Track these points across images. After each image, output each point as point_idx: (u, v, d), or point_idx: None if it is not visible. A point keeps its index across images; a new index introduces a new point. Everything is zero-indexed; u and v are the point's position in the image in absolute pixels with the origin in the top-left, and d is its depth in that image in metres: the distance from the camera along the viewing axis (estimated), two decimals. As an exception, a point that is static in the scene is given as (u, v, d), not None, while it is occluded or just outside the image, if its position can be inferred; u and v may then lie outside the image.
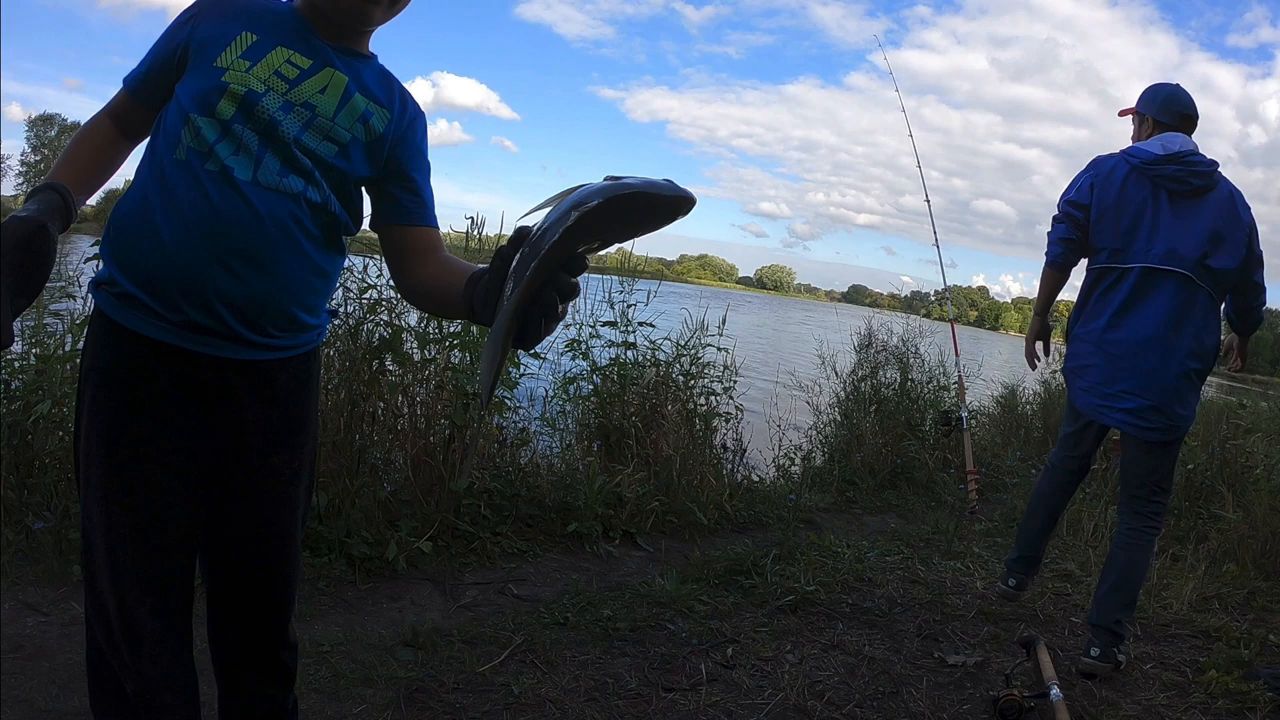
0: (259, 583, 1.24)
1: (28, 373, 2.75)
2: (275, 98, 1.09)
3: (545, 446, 3.69)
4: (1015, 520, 4.12)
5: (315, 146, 1.12)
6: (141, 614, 1.10)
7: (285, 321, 1.14)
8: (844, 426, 5.24)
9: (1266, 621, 2.94)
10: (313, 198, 1.12)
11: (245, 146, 1.07)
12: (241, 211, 1.06)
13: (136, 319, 1.08)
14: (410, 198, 1.22)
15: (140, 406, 1.09)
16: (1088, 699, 2.27)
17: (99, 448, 1.10)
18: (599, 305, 3.95)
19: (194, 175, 1.06)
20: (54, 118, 59.18)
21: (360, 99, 1.16)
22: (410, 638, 2.24)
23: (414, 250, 1.20)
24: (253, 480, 1.18)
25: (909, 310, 7.64)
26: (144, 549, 1.10)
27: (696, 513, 3.56)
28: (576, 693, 2.08)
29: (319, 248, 1.15)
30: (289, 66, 1.12)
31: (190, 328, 1.07)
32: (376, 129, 1.18)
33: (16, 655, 1.95)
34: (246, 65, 1.09)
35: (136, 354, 1.09)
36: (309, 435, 1.25)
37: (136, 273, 1.07)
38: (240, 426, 1.15)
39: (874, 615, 2.76)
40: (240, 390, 1.13)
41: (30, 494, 2.58)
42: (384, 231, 1.23)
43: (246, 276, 1.07)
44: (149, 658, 1.11)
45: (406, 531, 2.79)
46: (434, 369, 3.14)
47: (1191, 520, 4.15)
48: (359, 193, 1.22)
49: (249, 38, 1.11)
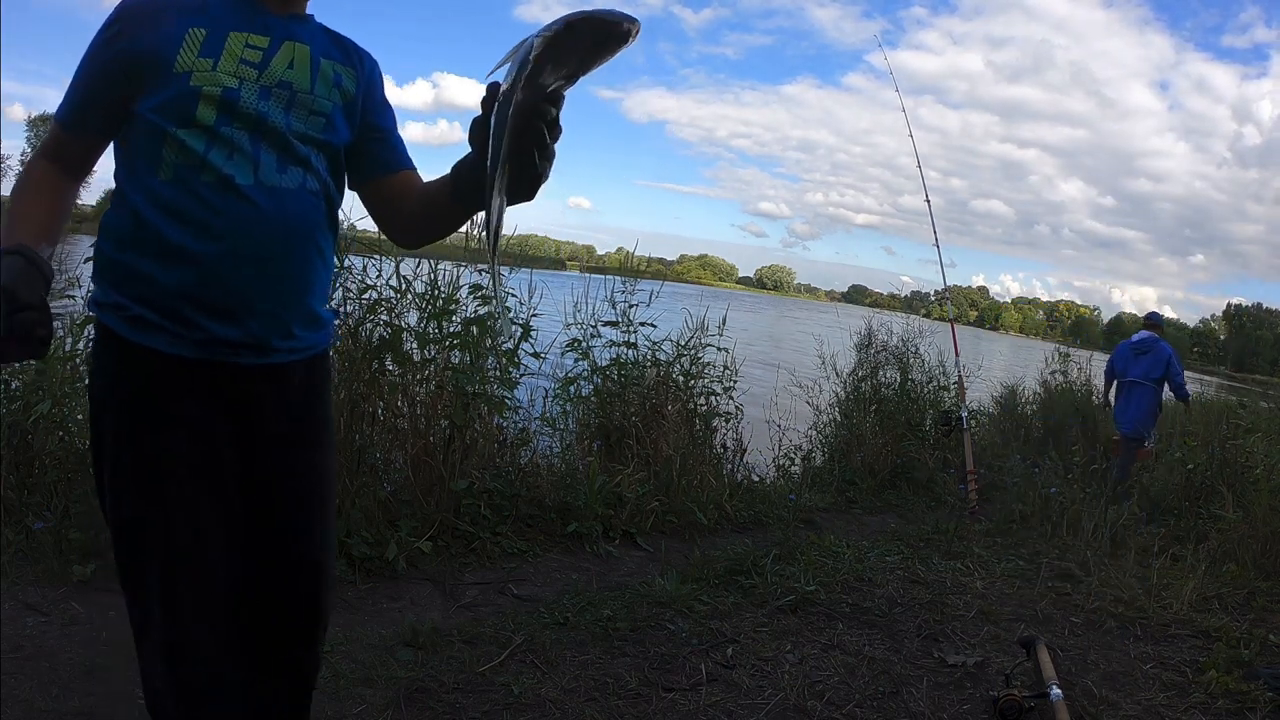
0: (297, 585, 1.19)
1: (28, 373, 2.75)
2: (251, 88, 1.05)
3: (545, 446, 3.69)
4: (1015, 520, 4.13)
5: (305, 127, 1.09)
6: (199, 636, 1.04)
7: (307, 317, 1.13)
8: (844, 426, 5.24)
9: (1266, 621, 2.93)
10: (312, 186, 1.10)
11: (239, 148, 1.03)
12: (253, 218, 1.03)
13: (153, 337, 1.03)
14: (385, 149, 1.21)
15: (167, 425, 1.05)
16: (1088, 699, 2.27)
17: (135, 466, 1.05)
18: (600, 305, 3.95)
19: (192, 192, 1.01)
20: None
21: (327, 64, 1.14)
22: (410, 638, 2.24)
23: (401, 195, 1.19)
24: (284, 482, 1.16)
25: (909, 310, 7.63)
26: (198, 569, 1.04)
27: (696, 513, 3.56)
28: (576, 693, 2.08)
29: (323, 235, 1.14)
30: (250, 50, 1.06)
31: (213, 344, 1.04)
32: (350, 90, 1.16)
33: (16, 655, 1.95)
34: (210, 63, 1.03)
35: (155, 372, 1.04)
36: (330, 432, 1.23)
37: (146, 298, 1.03)
38: (266, 430, 1.12)
39: (874, 615, 2.76)
40: (263, 395, 1.11)
41: (30, 494, 2.58)
42: (367, 187, 1.21)
43: (271, 283, 1.05)
44: (207, 676, 1.05)
45: (406, 531, 2.79)
46: (434, 369, 3.14)
47: (1191, 520, 4.15)
48: (345, 162, 1.19)
49: (199, 33, 1.04)
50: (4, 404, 2.67)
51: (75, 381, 2.80)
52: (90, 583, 2.33)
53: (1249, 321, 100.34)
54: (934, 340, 5.79)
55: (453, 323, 3.16)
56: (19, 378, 2.76)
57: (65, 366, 2.79)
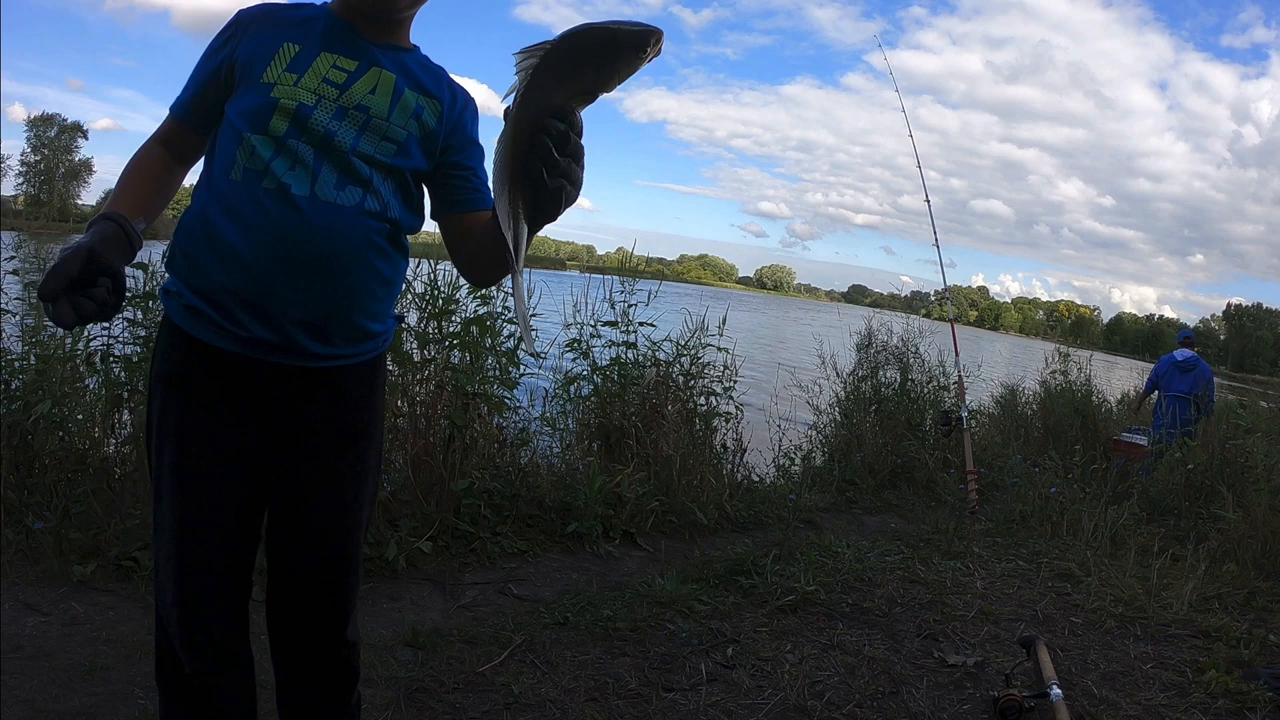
0: (318, 581, 1.24)
1: (28, 373, 2.76)
2: (328, 107, 1.10)
3: (545, 446, 3.69)
4: (1015, 520, 4.13)
5: (374, 150, 1.13)
6: (200, 593, 1.14)
7: (352, 331, 1.15)
8: (844, 426, 5.24)
9: (1266, 621, 2.93)
10: (371, 207, 1.13)
11: (301, 161, 1.08)
12: (302, 228, 1.07)
13: (201, 328, 1.10)
14: (468, 186, 1.24)
15: (202, 405, 1.12)
16: (1087, 699, 2.27)
17: (168, 441, 1.14)
18: (599, 305, 3.95)
19: (252, 195, 1.07)
20: (54, 118, 59.27)
21: (410, 95, 1.17)
22: (410, 638, 2.24)
23: (477, 233, 1.21)
24: (315, 481, 1.20)
25: (909, 310, 7.64)
26: (203, 532, 1.13)
27: (696, 513, 3.56)
28: (576, 693, 2.08)
29: (380, 255, 1.16)
30: (336, 71, 1.12)
31: (253, 343, 1.09)
32: (429, 124, 1.19)
33: (16, 655, 1.95)
34: (294, 78, 1.10)
35: (200, 359, 1.11)
36: (373, 439, 1.26)
37: (201, 290, 1.09)
38: (302, 429, 1.17)
39: (874, 615, 2.76)
40: (302, 395, 1.15)
41: (30, 494, 2.58)
42: (446, 220, 1.24)
43: (313, 293, 1.09)
44: (204, 636, 1.15)
45: (406, 531, 2.79)
46: (434, 369, 3.15)
47: (1191, 520, 4.15)
48: (419, 190, 1.23)
49: (292, 49, 1.12)
50: (4, 404, 2.67)
51: (75, 381, 2.81)
52: (90, 583, 2.33)
53: (1249, 321, 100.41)
54: (934, 340, 5.79)
55: (452, 323, 3.16)
56: (19, 378, 2.76)
57: (65, 366, 2.79)
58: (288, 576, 1.23)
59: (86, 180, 59.77)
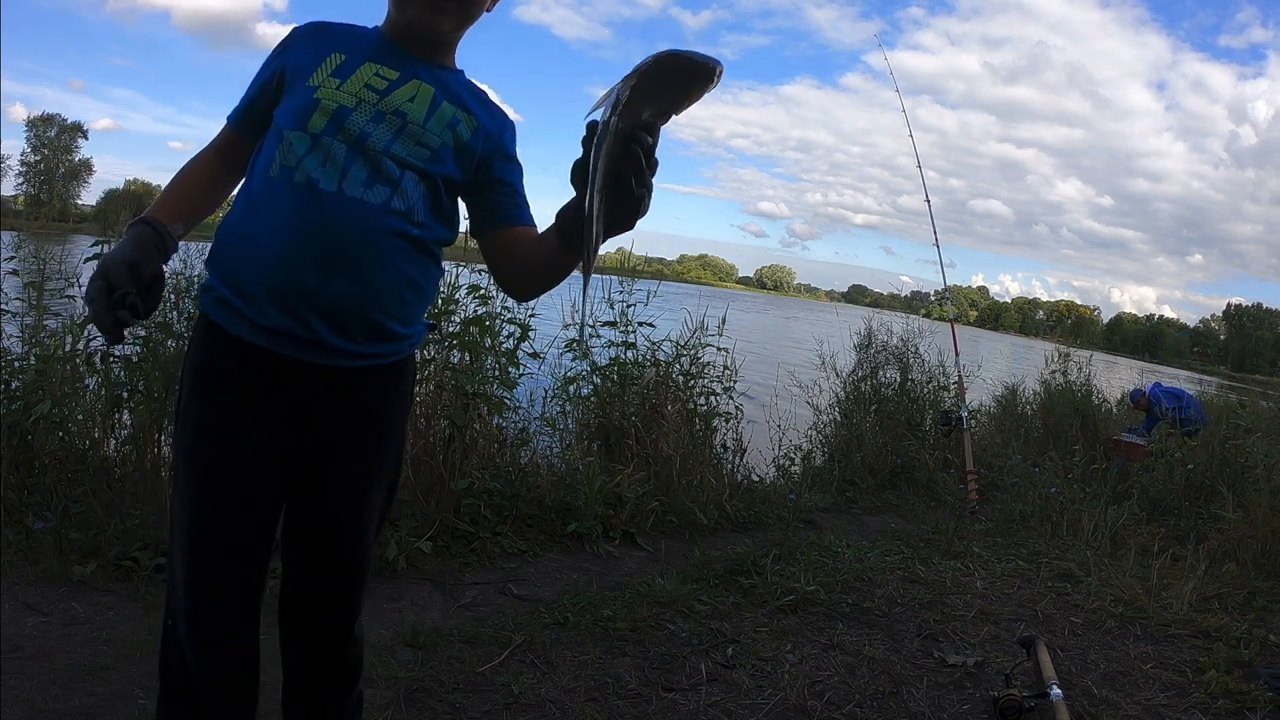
0: (331, 579, 1.27)
1: (28, 373, 2.75)
2: (366, 109, 1.14)
3: (545, 446, 3.68)
4: (1015, 520, 4.13)
5: (407, 154, 1.15)
6: (210, 580, 1.16)
7: (373, 329, 1.16)
8: (844, 426, 5.24)
9: (1266, 621, 2.93)
10: (397, 206, 1.14)
11: (333, 157, 1.11)
12: (325, 220, 1.09)
13: (232, 322, 1.13)
14: (510, 202, 1.25)
15: (226, 397, 1.16)
16: (1088, 699, 2.27)
17: (189, 428, 1.18)
18: (599, 305, 3.94)
19: (283, 189, 1.11)
20: (54, 118, 59.37)
21: (448, 107, 1.20)
22: (410, 638, 2.24)
23: (517, 247, 1.22)
24: (331, 478, 1.22)
25: (909, 310, 7.64)
26: (215, 519, 1.15)
27: (696, 513, 3.56)
28: (576, 693, 2.08)
29: (406, 257, 1.17)
30: (378, 79, 1.17)
31: (279, 334, 1.11)
32: (463, 136, 1.21)
33: (16, 655, 1.95)
34: (337, 82, 1.15)
35: (229, 352, 1.14)
36: (393, 441, 1.27)
37: (231, 281, 1.13)
38: (323, 427, 1.19)
39: (874, 615, 2.76)
40: (325, 394, 1.17)
41: (30, 494, 2.58)
42: (487, 237, 1.25)
43: (333, 284, 1.11)
44: (211, 625, 1.17)
45: (406, 531, 2.79)
46: (434, 369, 3.15)
47: (1191, 520, 4.15)
48: (452, 200, 1.24)
49: (338, 58, 1.18)
50: (4, 404, 2.67)
51: (75, 381, 2.80)
52: (90, 583, 2.33)
53: (1249, 321, 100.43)
54: (934, 340, 5.79)
55: (452, 323, 3.16)
56: (19, 378, 2.76)
57: (65, 366, 2.78)
58: (301, 572, 1.26)
59: (86, 180, 59.87)
